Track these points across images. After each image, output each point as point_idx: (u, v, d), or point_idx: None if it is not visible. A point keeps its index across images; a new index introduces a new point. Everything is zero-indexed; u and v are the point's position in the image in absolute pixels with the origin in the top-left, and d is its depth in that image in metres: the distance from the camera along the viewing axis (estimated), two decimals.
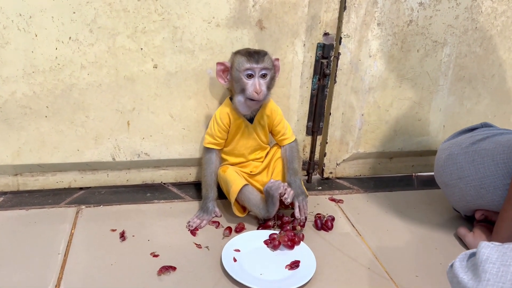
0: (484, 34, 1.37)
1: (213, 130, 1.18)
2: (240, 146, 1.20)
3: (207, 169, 1.20)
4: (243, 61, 1.09)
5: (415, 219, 1.26)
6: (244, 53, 1.10)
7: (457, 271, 0.70)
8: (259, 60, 1.08)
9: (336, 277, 1.01)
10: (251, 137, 1.20)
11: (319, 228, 1.17)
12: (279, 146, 1.24)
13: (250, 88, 1.09)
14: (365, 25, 1.27)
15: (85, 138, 1.22)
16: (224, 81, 1.15)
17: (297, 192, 1.16)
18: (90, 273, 0.97)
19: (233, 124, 1.17)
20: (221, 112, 1.17)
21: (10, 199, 1.23)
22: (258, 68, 1.08)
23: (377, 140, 1.44)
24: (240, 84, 1.10)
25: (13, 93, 1.13)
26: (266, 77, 1.11)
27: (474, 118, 1.46)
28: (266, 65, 1.09)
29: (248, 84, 1.09)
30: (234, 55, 1.13)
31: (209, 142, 1.19)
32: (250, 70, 1.08)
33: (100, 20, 1.11)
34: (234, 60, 1.11)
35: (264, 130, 1.21)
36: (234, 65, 1.11)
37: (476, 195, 1.11)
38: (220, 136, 1.18)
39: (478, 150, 1.10)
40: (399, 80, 1.36)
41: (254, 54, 1.09)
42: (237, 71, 1.09)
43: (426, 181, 1.50)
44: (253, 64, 1.08)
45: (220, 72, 1.14)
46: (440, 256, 1.10)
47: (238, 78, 1.10)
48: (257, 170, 1.23)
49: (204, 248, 1.07)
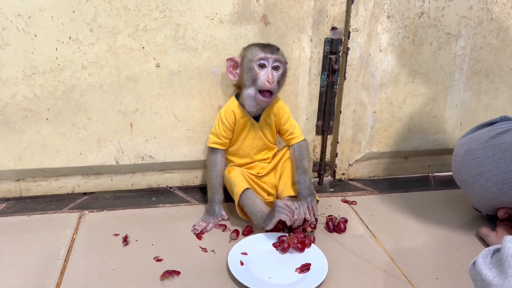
0: (500, 25, 1.31)
1: (218, 129, 1.13)
2: (245, 146, 1.16)
3: (212, 171, 1.16)
4: (257, 51, 1.07)
5: (433, 220, 1.19)
6: (257, 44, 1.09)
7: (480, 268, 0.65)
8: (273, 51, 1.07)
9: (350, 280, 0.95)
10: (257, 136, 1.16)
11: (331, 231, 1.11)
12: (289, 147, 1.19)
13: (262, 77, 1.06)
14: (374, 18, 1.22)
15: (88, 141, 1.19)
16: (234, 76, 1.12)
17: (306, 192, 1.10)
18: (90, 278, 0.93)
19: (238, 122, 1.13)
20: (226, 110, 1.13)
21: (13, 205, 1.20)
22: (272, 58, 1.06)
23: (391, 138, 1.38)
24: (251, 75, 1.07)
25: (13, 95, 1.11)
26: (279, 70, 1.08)
27: (492, 114, 1.39)
28: (279, 57, 1.08)
29: (261, 73, 1.06)
30: (247, 47, 1.11)
31: (214, 141, 1.15)
32: (264, 60, 1.06)
33: (100, 19, 1.09)
34: (246, 52, 1.09)
35: (271, 129, 1.17)
36: (246, 57, 1.08)
37: (498, 191, 1.04)
38: (225, 136, 1.14)
39: (499, 144, 1.03)
40: (412, 75, 1.30)
41: (268, 45, 1.09)
42: (249, 61, 1.07)
43: (444, 181, 1.43)
44: (268, 54, 1.06)
45: (230, 68, 1.12)
46: (461, 257, 1.03)
47: (250, 68, 1.07)
48: (264, 171, 1.18)
49: (210, 251, 1.03)
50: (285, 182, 1.16)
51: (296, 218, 1.04)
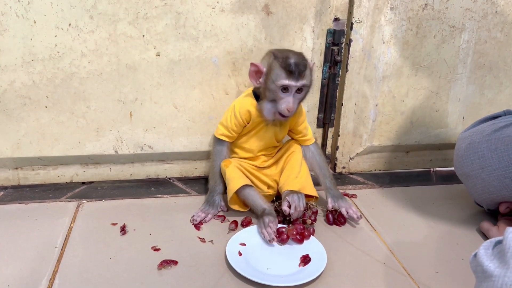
0: (505, 19, 1.29)
1: (229, 123, 1.10)
2: (252, 142, 1.14)
3: (216, 161, 1.14)
4: (281, 76, 1.00)
5: (434, 214, 1.18)
6: (283, 65, 1.00)
7: (482, 259, 0.63)
8: (299, 77, 1.00)
9: (348, 272, 0.94)
10: (266, 136, 1.13)
11: (331, 223, 1.10)
12: (294, 141, 1.18)
13: (282, 104, 1.02)
14: (378, 9, 1.21)
15: (86, 129, 1.18)
16: (257, 83, 1.06)
17: (339, 195, 1.14)
18: (87, 266, 0.92)
19: (253, 121, 1.10)
20: (242, 107, 1.09)
21: (11, 194, 1.19)
22: (296, 86, 1.01)
23: (393, 132, 1.36)
24: (273, 95, 1.03)
25: (12, 82, 1.10)
26: (302, 92, 1.04)
27: (495, 109, 1.37)
28: (305, 82, 1.01)
29: (282, 99, 1.02)
30: (273, 60, 1.02)
31: (223, 133, 1.12)
32: (287, 86, 1.01)
33: (101, 6, 1.07)
34: (271, 67, 1.02)
35: (284, 130, 1.15)
36: (270, 74, 1.02)
37: (500, 185, 1.02)
38: (236, 130, 1.11)
39: (501, 138, 1.02)
40: (415, 68, 1.29)
41: (295, 68, 0.99)
42: (272, 83, 1.01)
43: (446, 176, 1.41)
44: (292, 82, 1.00)
45: (253, 73, 1.06)
46: (462, 251, 1.02)
47: (272, 90, 1.02)
48: (266, 164, 1.17)
49: (208, 242, 1.02)
50: (287, 176, 1.14)
51: (296, 211, 1.04)
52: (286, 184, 1.12)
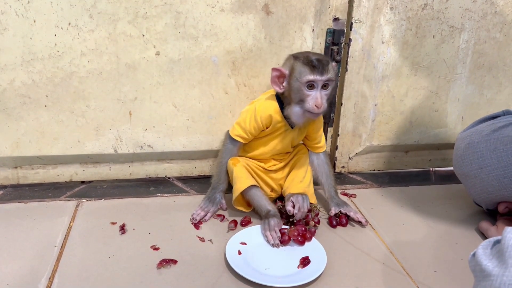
0: (505, 19, 1.29)
1: (248, 125, 1.08)
2: (268, 146, 1.12)
3: (224, 158, 1.13)
4: (305, 72, 0.98)
5: (433, 214, 1.18)
6: (306, 62, 0.99)
7: (480, 258, 0.64)
8: (323, 71, 0.98)
9: (348, 271, 0.94)
10: (284, 141, 1.11)
11: (334, 226, 1.10)
12: (302, 147, 1.18)
13: (310, 101, 0.99)
14: (377, 9, 1.21)
15: (86, 128, 1.18)
16: (280, 88, 1.04)
17: (343, 203, 1.14)
18: (86, 265, 0.92)
19: (273, 126, 1.08)
20: (264, 111, 1.06)
21: (10, 193, 1.19)
22: (322, 80, 0.99)
23: (392, 132, 1.36)
24: (299, 95, 1.00)
25: (11, 81, 1.10)
26: (328, 88, 1.01)
27: (495, 109, 1.37)
28: (330, 76, 0.99)
29: (309, 96, 1.00)
30: (294, 61, 1.01)
31: (239, 135, 1.10)
32: (313, 82, 0.99)
33: (100, 5, 1.07)
34: (293, 67, 1.01)
35: (301, 136, 1.14)
36: (293, 74, 1.00)
37: (499, 185, 1.03)
38: (253, 133, 1.09)
39: (500, 138, 1.02)
40: (414, 68, 1.29)
41: (318, 64, 0.98)
42: (297, 81, 0.99)
43: (445, 176, 1.42)
44: (317, 76, 0.98)
45: (275, 79, 1.03)
46: (461, 251, 1.02)
47: (297, 89, 1.00)
48: (275, 167, 1.16)
49: (207, 241, 1.02)
50: (292, 179, 1.14)
51: (300, 211, 1.04)
52: (290, 188, 1.12)
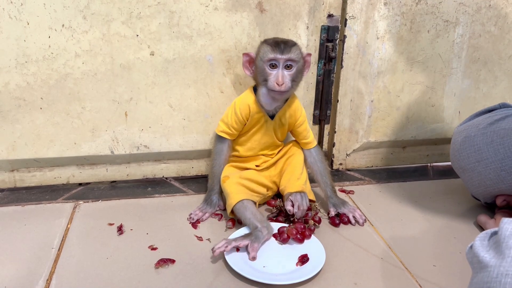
0: (499, 12, 1.29)
1: (230, 120, 1.10)
2: (253, 140, 1.13)
3: (216, 159, 1.13)
4: (267, 51, 1.02)
5: (432, 208, 1.18)
6: (270, 43, 1.03)
7: (477, 250, 0.63)
8: (284, 50, 1.01)
9: (346, 267, 0.94)
10: (267, 134, 1.13)
11: (337, 225, 1.09)
12: (295, 144, 1.18)
13: (272, 79, 1.02)
14: (371, 5, 1.21)
15: (82, 130, 1.18)
16: (250, 72, 1.09)
17: (340, 202, 1.12)
18: (84, 267, 0.92)
19: (252, 117, 1.09)
20: (242, 102, 1.09)
21: (7, 196, 1.19)
22: (283, 59, 1.01)
23: (389, 128, 1.36)
24: (263, 75, 1.04)
25: (6, 84, 1.10)
26: (292, 69, 1.03)
27: (491, 103, 1.36)
28: (291, 56, 1.02)
29: (271, 74, 1.02)
30: (261, 44, 1.06)
31: (223, 130, 1.12)
32: (274, 61, 1.02)
33: (94, 6, 1.07)
34: (259, 49, 1.05)
35: (283, 129, 1.14)
36: (259, 55, 1.04)
37: (497, 178, 1.03)
38: (236, 128, 1.11)
39: (497, 130, 1.02)
40: (410, 63, 1.29)
41: (281, 43, 1.02)
42: (260, 61, 1.03)
43: (443, 171, 1.41)
44: (277, 55, 1.01)
45: (246, 63, 1.08)
46: (459, 245, 1.02)
47: (261, 69, 1.04)
48: (265, 165, 1.16)
49: (205, 240, 1.01)
50: (288, 179, 1.13)
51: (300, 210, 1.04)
52: (288, 187, 1.11)
